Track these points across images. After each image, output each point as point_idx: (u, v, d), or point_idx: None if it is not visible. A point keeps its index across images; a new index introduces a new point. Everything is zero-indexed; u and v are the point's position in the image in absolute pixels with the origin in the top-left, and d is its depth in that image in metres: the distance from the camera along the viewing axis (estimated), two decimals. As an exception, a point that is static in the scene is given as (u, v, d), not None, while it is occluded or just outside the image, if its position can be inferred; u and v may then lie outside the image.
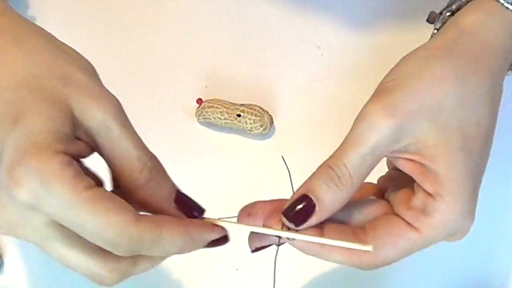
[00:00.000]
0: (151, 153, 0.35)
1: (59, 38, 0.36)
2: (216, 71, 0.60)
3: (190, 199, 0.37)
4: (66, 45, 0.35)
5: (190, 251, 0.35)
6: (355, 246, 0.36)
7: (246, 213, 0.39)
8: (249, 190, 0.53)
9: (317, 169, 0.37)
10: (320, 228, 0.37)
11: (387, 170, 0.42)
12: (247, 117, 0.55)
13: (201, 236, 0.35)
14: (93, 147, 0.34)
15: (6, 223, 0.33)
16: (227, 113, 0.55)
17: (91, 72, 0.35)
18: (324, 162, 0.37)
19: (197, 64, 0.60)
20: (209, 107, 0.56)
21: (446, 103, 0.36)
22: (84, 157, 0.33)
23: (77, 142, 0.32)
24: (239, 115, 0.55)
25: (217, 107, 0.55)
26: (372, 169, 0.36)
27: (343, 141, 0.37)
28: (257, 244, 0.39)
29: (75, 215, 0.30)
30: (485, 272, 0.52)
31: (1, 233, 0.34)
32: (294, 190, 0.37)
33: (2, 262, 0.52)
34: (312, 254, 0.37)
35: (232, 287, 0.52)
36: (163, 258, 0.35)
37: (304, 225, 0.36)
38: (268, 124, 0.55)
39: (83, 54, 0.36)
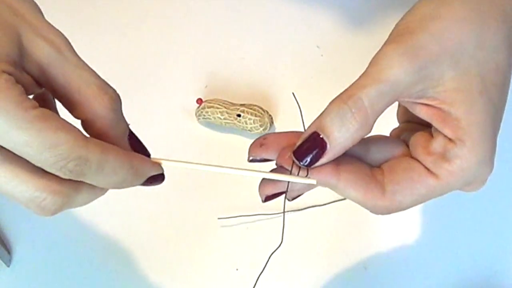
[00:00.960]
0: (110, 85, 0.34)
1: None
2: (216, 71, 0.60)
3: (140, 140, 0.36)
4: None
5: (130, 184, 0.34)
6: (299, 180, 0.35)
7: (259, 143, 0.38)
8: (249, 189, 0.53)
9: (330, 103, 0.35)
10: (336, 164, 0.36)
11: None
12: (247, 117, 0.55)
13: (143, 169, 0.34)
14: (43, 82, 0.33)
15: None
16: (227, 113, 0.55)
17: (38, 9, 0.34)
18: (337, 96, 0.35)
19: (197, 64, 0.60)
20: (209, 107, 0.56)
21: (466, 45, 0.35)
22: (29, 92, 0.32)
23: (23, 74, 0.31)
24: (239, 115, 0.55)
25: (217, 107, 0.55)
26: (386, 108, 0.35)
27: (359, 78, 0.35)
28: (268, 191, 0.38)
29: (22, 134, 0.29)
30: (485, 272, 0.52)
31: None
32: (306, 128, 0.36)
33: (10, 255, 0.52)
34: (329, 187, 0.37)
35: (232, 287, 0.52)
36: (103, 190, 0.34)
37: (316, 165, 0.35)
38: (268, 124, 0.55)
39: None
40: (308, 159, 0.35)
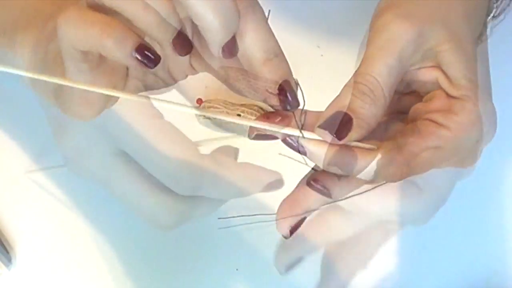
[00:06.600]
0: None
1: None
2: (216, 71, 0.60)
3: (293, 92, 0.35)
4: None
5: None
6: (361, 144, 0.34)
7: (265, 116, 0.37)
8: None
9: (344, 88, 0.35)
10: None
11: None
12: (247, 117, 0.55)
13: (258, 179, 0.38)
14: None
15: (73, 152, 0.32)
16: (227, 113, 0.55)
17: None
18: (349, 80, 0.35)
19: (197, 64, 0.60)
20: (209, 107, 0.56)
21: (453, 14, 0.36)
22: None
23: None
24: (239, 115, 0.55)
25: (217, 107, 0.55)
26: (397, 82, 0.35)
27: (365, 56, 0.35)
28: (291, 221, 0.37)
29: (142, 141, 0.30)
30: (485, 272, 0.52)
31: (66, 165, 0.33)
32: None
33: (10, 255, 0.52)
34: (344, 164, 0.34)
35: (232, 287, 0.52)
36: (220, 202, 0.36)
37: (346, 139, 0.33)
38: (268, 124, 0.55)
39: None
40: (337, 131, 0.33)
